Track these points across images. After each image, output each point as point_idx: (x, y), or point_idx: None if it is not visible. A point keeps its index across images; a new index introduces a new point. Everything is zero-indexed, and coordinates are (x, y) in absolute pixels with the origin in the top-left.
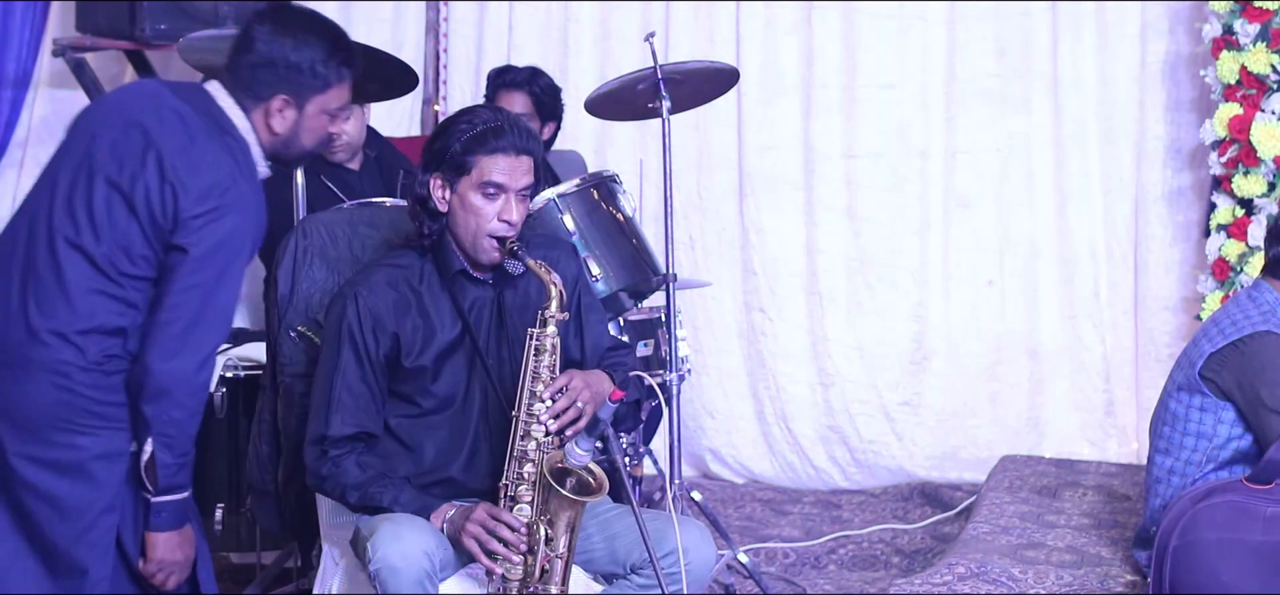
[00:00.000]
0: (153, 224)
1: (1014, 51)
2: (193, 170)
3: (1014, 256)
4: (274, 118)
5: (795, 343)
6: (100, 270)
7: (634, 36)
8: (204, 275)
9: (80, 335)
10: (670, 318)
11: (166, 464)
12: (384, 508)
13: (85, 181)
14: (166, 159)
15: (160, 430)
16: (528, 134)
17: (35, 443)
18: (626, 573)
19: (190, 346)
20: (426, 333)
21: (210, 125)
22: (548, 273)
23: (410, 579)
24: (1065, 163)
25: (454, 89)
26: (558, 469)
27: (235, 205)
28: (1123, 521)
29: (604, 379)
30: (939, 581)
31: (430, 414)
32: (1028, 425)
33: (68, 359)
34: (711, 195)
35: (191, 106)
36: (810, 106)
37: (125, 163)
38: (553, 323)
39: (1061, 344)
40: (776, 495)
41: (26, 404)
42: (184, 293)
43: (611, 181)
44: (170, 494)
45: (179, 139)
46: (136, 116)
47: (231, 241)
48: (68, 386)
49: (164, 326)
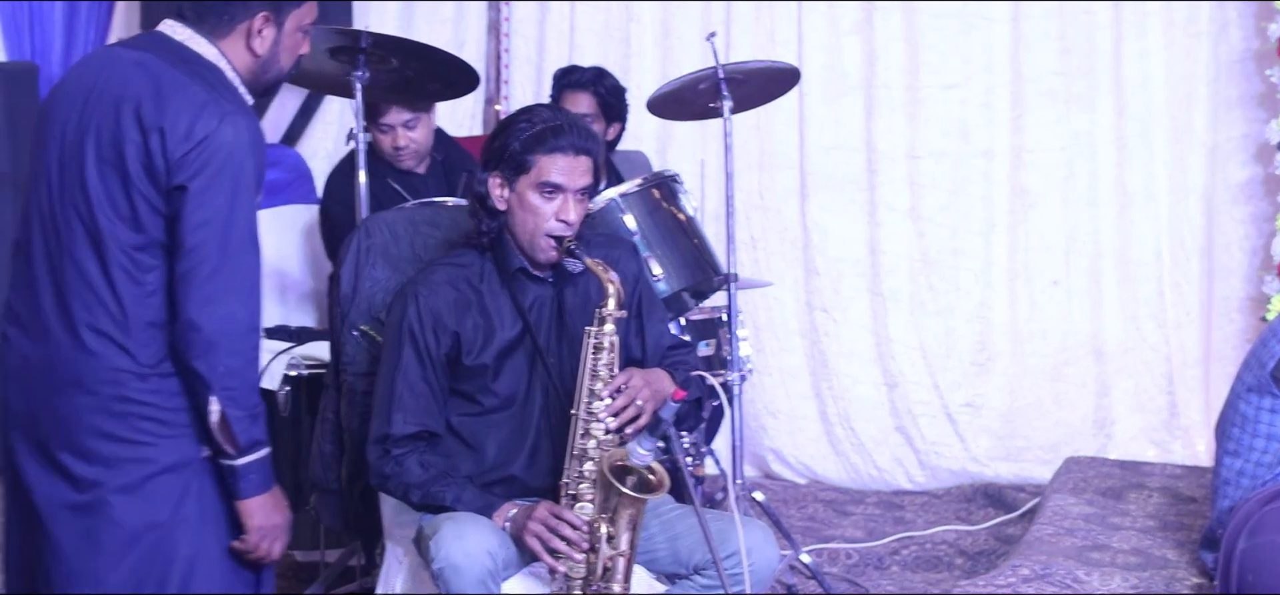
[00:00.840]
0: (150, 180)
1: (1078, 50)
2: (167, 108)
3: (1078, 256)
4: (255, 39)
5: (859, 343)
6: (114, 261)
7: (695, 36)
8: (212, 205)
9: (119, 335)
10: (732, 317)
11: (238, 418)
12: (446, 506)
13: (76, 171)
14: (141, 110)
15: (222, 385)
16: (587, 134)
17: (93, 463)
18: (689, 573)
19: (227, 288)
20: (487, 331)
21: (172, 60)
22: (605, 271)
23: (473, 578)
24: (1130, 162)
25: (515, 89)
26: (618, 467)
27: (221, 125)
28: (1188, 523)
29: (664, 378)
30: (1003, 583)
31: (491, 412)
32: (1092, 426)
33: (118, 365)
34: (773, 195)
35: (148, 52)
36: (873, 106)
37: (103, 133)
38: (611, 321)
39: (1126, 344)
40: (839, 496)
41: (80, 423)
42: (197, 230)
43: (672, 181)
44: (253, 452)
45: (145, 86)
46: (97, 84)
47: (229, 162)
48: (124, 395)
49: (190, 273)
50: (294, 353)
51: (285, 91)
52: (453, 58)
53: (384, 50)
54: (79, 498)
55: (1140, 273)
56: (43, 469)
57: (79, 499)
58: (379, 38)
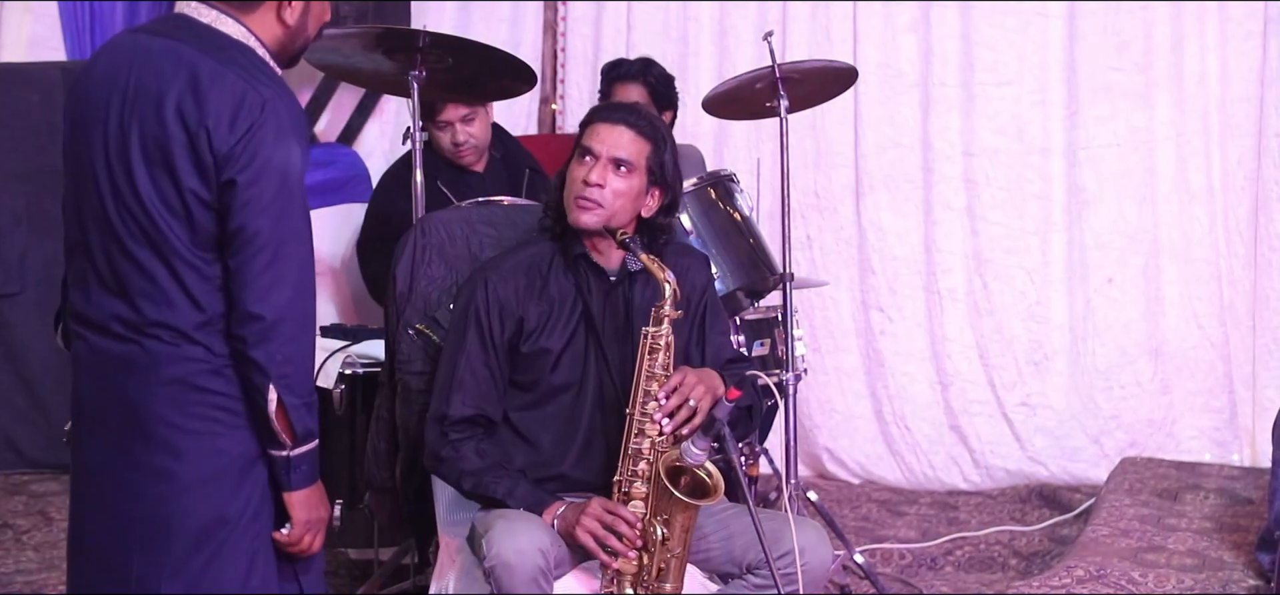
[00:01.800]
0: (201, 178)
1: (1135, 45)
2: (208, 104)
3: (1135, 255)
4: (286, 10)
5: (914, 342)
6: (172, 253)
7: (752, 36)
8: (263, 196)
9: (199, 331)
10: (787, 317)
11: (295, 406)
12: (497, 498)
13: (123, 172)
14: (183, 107)
15: (279, 372)
16: (635, 112)
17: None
18: (742, 572)
19: (282, 276)
20: (549, 317)
21: (204, 47)
22: (661, 269)
23: (524, 576)
24: (1187, 159)
25: (571, 88)
26: (673, 468)
27: (263, 114)
28: (1245, 525)
29: (717, 377)
30: (1057, 584)
31: (546, 403)
32: (1148, 427)
33: (193, 356)
34: (829, 194)
35: (179, 40)
36: (929, 104)
37: (148, 133)
38: (667, 321)
39: (1183, 344)
40: (893, 496)
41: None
42: (249, 223)
43: (729, 180)
44: (306, 443)
45: (183, 81)
46: (134, 79)
47: (276, 150)
48: (197, 384)
49: (245, 266)
50: (349, 351)
51: (342, 90)
52: (509, 57)
53: (441, 49)
54: (154, 489)
55: (1198, 271)
56: (116, 461)
57: (154, 491)
58: (436, 37)
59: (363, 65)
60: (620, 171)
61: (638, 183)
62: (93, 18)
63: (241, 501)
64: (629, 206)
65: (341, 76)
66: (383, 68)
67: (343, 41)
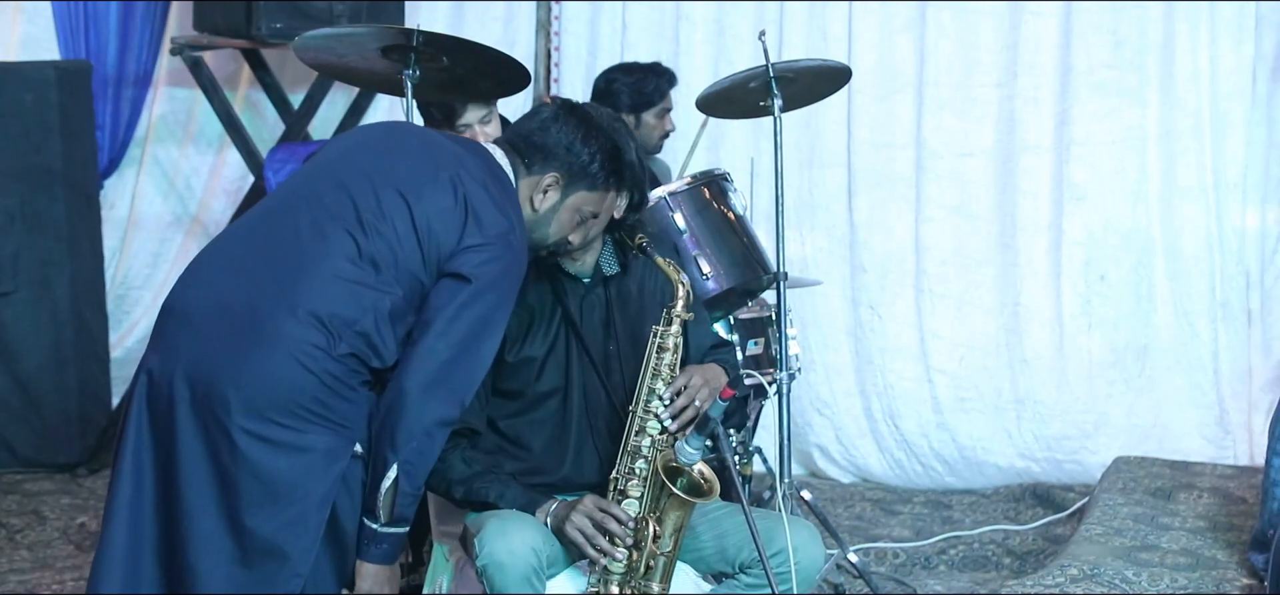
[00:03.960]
0: (432, 241)
1: (1128, 45)
2: (485, 207)
3: (1126, 252)
4: (538, 194)
5: (905, 340)
6: (363, 261)
7: (746, 34)
8: (477, 309)
9: (333, 321)
10: (781, 316)
11: (407, 493)
12: (490, 502)
13: (371, 187)
14: (464, 188)
15: (407, 459)
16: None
17: (264, 421)
18: (735, 571)
19: (450, 384)
20: (530, 325)
21: (499, 179)
22: (677, 271)
23: (516, 575)
24: (1179, 157)
25: (565, 87)
26: (670, 467)
27: (514, 253)
28: (1239, 524)
29: (720, 373)
30: (1051, 583)
31: (533, 410)
32: (1141, 425)
33: (319, 343)
34: (821, 193)
35: (480, 160)
36: (923, 104)
37: (421, 179)
38: (678, 321)
39: (1176, 342)
40: (886, 495)
41: (267, 380)
42: (454, 321)
43: (722, 179)
44: (397, 526)
45: (477, 178)
46: (434, 147)
47: (506, 285)
48: (312, 370)
49: (428, 353)
50: None
51: (337, 89)
52: (503, 56)
53: (435, 48)
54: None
55: (1190, 269)
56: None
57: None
58: (430, 36)
59: (356, 64)
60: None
61: (606, 208)
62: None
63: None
64: (604, 226)
65: (335, 75)
66: (377, 66)
67: (337, 40)
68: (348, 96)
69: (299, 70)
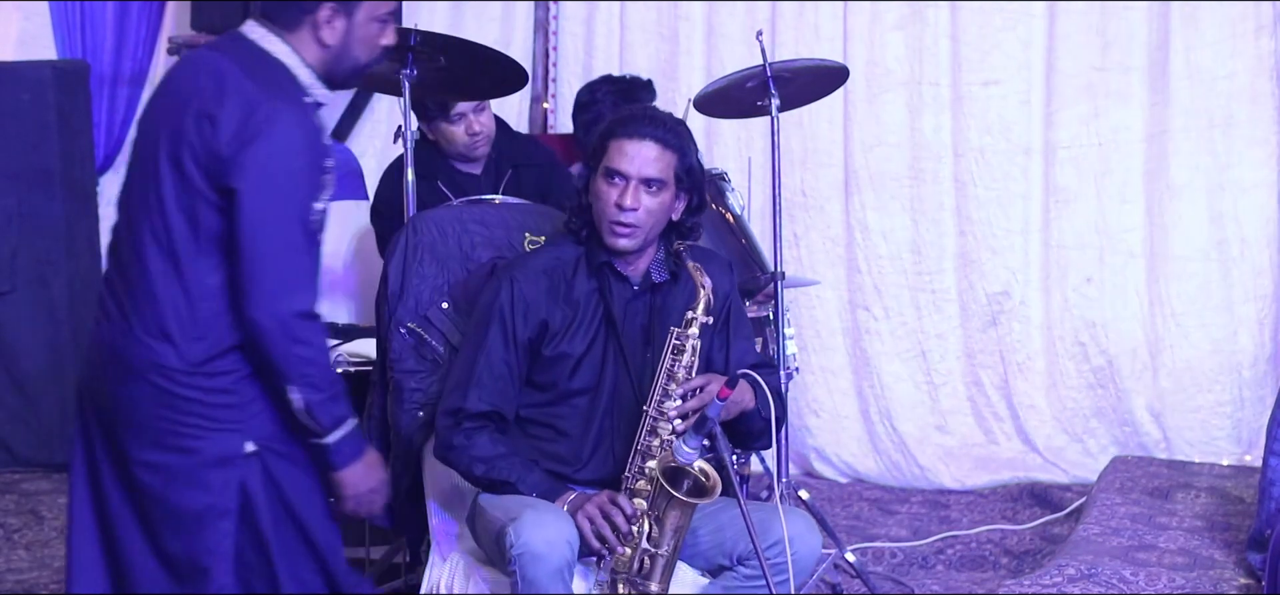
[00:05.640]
0: (203, 174)
1: (1118, 45)
2: (222, 111)
3: (1115, 253)
4: (323, 29)
5: (901, 341)
6: (172, 253)
7: (742, 34)
8: (263, 204)
9: (176, 333)
10: (779, 317)
11: (319, 401)
12: (509, 482)
13: (153, 170)
14: (202, 111)
15: (298, 372)
16: (659, 122)
17: (149, 447)
18: (732, 564)
19: (284, 285)
20: (572, 322)
21: (240, 60)
22: (701, 274)
23: (551, 568)
24: (1169, 158)
25: (562, 87)
26: (671, 468)
27: (269, 122)
28: (1236, 524)
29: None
30: (1048, 583)
31: (562, 403)
32: (1138, 425)
33: (165, 360)
34: (816, 193)
35: (227, 55)
36: (917, 103)
37: (173, 133)
38: (696, 325)
39: (1172, 342)
40: (884, 494)
41: (135, 408)
42: (252, 229)
43: (720, 179)
44: (339, 428)
45: (210, 88)
46: (176, 85)
47: (278, 160)
48: (168, 388)
49: (247, 272)
50: (340, 350)
51: None
52: (501, 55)
53: (433, 48)
54: (140, 477)
55: (1183, 269)
56: (108, 447)
57: (140, 479)
58: (428, 35)
59: None
60: (651, 190)
61: (668, 196)
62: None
63: (212, 495)
64: (661, 220)
65: None
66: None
67: None
68: (345, 96)
69: None
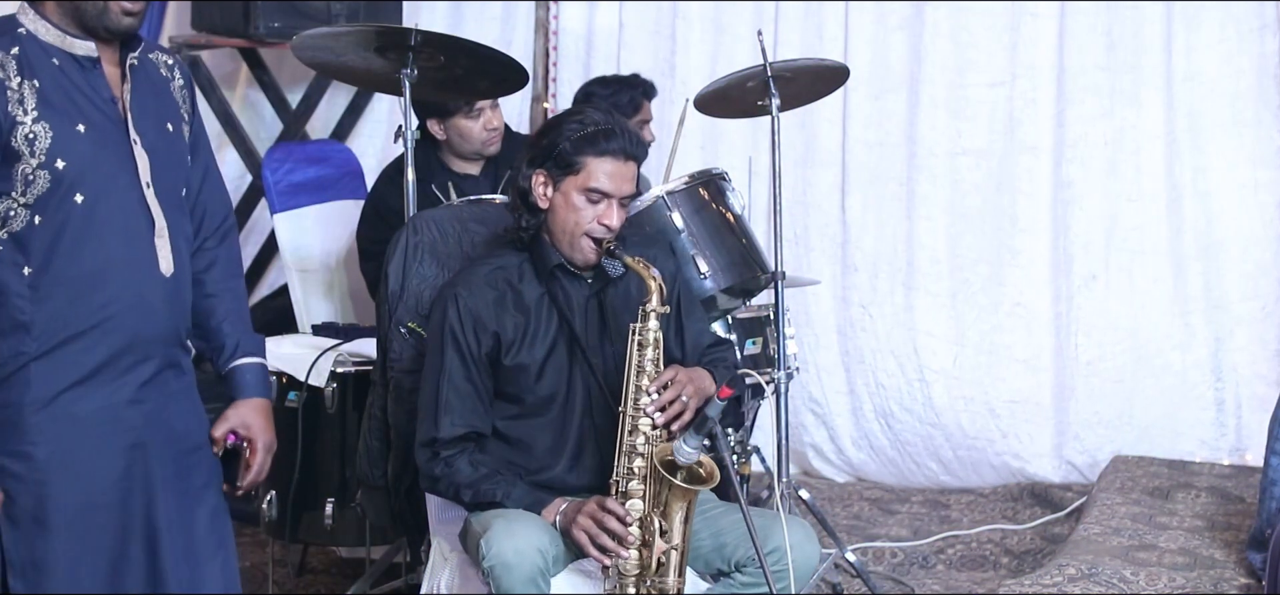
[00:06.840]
0: None
1: (1124, 45)
2: None
3: (1120, 252)
4: None
5: (896, 340)
6: None
7: (743, 34)
8: None
9: None
10: (779, 316)
11: None
12: (498, 503)
13: None
14: None
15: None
16: (636, 140)
17: None
18: (732, 570)
19: None
20: (526, 330)
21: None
22: (647, 268)
23: (523, 576)
24: (1175, 158)
25: (562, 86)
26: (667, 462)
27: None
28: (1237, 524)
29: (706, 376)
30: (1049, 582)
31: (534, 414)
32: (1139, 425)
33: None
34: (814, 192)
35: None
36: (918, 103)
37: None
38: (655, 317)
39: (1173, 342)
40: (884, 494)
41: None
42: None
43: (720, 179)
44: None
45: None
46: None
47: None
48: None
49: None
50: (341, 350)
51: (335, 88)
52: (501, 55)
53: (433, 48)
54: None
55: (1186, 269)
56: None
57: None
58: (428, 35)
59: (355, 63)
60: (625, 204)
61: None
62: None
63: None
64: None
65: (333, 74)
66: (374, 66)
67: (335, 40)
68: (346, 96)
69: (297, 69)
